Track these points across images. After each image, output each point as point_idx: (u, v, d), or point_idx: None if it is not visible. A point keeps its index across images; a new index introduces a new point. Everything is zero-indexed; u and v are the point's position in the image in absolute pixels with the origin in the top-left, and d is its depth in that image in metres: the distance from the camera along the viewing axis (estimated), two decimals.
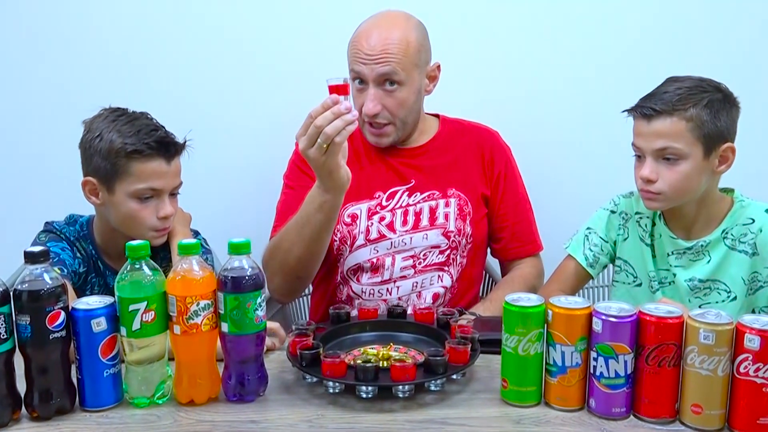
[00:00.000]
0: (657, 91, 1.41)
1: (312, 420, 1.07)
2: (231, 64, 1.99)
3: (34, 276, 1.04)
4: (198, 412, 1.10)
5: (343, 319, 1.33)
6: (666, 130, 1.37)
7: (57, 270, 1.35)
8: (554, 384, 1.09)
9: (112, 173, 1.38)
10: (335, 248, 1.62)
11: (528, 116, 2.03)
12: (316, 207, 1.41)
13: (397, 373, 1.10)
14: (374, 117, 1.57)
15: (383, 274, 1.61)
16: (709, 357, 1.00)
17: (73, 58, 1.97)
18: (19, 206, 2.00)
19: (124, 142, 1.37)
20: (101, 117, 1.42)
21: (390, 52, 1.52)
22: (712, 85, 1.40)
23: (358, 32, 1.57)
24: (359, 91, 1.57)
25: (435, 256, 1.62)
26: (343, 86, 1.30)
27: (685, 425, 1.04)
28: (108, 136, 1.38)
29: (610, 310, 1.05)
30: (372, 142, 1.64)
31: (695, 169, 1.38)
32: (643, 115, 1.39)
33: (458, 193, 1.65)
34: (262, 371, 1.14)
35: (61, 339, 1.06)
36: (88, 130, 1.42)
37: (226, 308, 1.09)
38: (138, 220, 1.41)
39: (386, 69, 1.53)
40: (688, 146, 1.37)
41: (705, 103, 1.36)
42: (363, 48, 1.53)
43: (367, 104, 1.55)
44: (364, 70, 1.54)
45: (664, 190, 1.39)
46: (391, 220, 1.62)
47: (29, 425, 1.07)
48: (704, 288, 1.47)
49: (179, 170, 1.45)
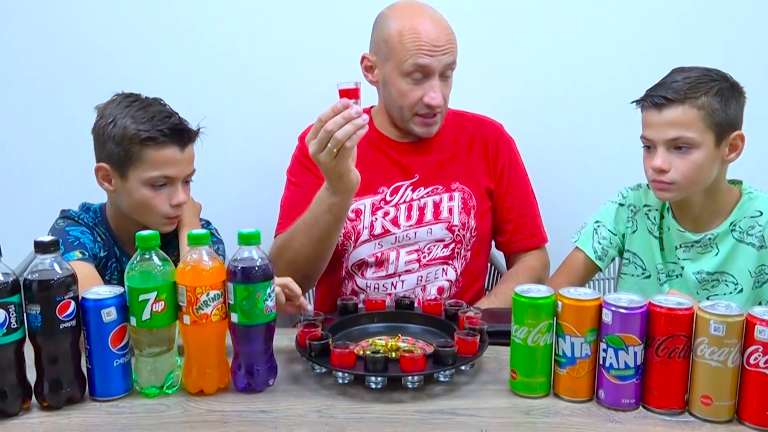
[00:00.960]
0: (665, 81, 1.41)
1: (321, 410, 1.07)
2: (241, 56, 1.99)
3: (45, 265, 1.04)
4: (207, 402, 1.10)
5: (351, 311, 1.33)
6: (678, 119, 1.37)
7: (79, 253, 1.37)
8: (563, 375, 1.09)
9: (125, 160, 1.37)
10: (339, 243, 1.61)
11: (534, 108, 2.03)
12: (324, 209, 1.41)
13: (406, 363, 1.10)
14: (439, 108, 1.57)
15: (388, 269, 1.62)
16: (719, 348, 1.00)
17: (85, 43, 1.97)
18: (27, 196, 2.00)
19: (138, 129, 1.35)
20: (114, 102, 1.40)
21: (451, 41, 1.55)
22: (720, 74, 1.40)
23: (410, 25, 1.53)
24: (415, 84, 1.55)
25: (439, 250, 1.62)
26: (354, 90, 1.30)
27: (695, 416, 1.04)
28: (122, 122, 1.36)
29: (620, 301, 1.05)
30: (422, 133, 1.62)
31: (707, 157, 1.38)
32: (654, 104, 1.39)
33: (462, 187, 1.65)
34: (272, 361, 1.15)
35: (71, 329, 1.06)
36: (101, 116, 1.40)
37: (235, 298, 1.09)
38: (151, 207, 1.40)
39: (452, 59, 1.56)
40: (700, 135, 1.36)
41: (715, 91, 1.36)
42: (429, 41, 1.52)
43: (434, 96, 1.55)
44: (432, 62, 1.53)
45: (677, 180, 1.39)
46: (395, 215, 1.62)
47: (39, 414, 1.07)
48: (712, 280, 1.47)
49: (192, 158, 1.43)
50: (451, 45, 1.55)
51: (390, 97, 1.60)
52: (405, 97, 1.56)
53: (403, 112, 1.59)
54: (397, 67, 1.55)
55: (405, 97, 1.56)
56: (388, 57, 1.56)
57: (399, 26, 1.54)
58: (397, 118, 1.62)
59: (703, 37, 1.99)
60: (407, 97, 1.56)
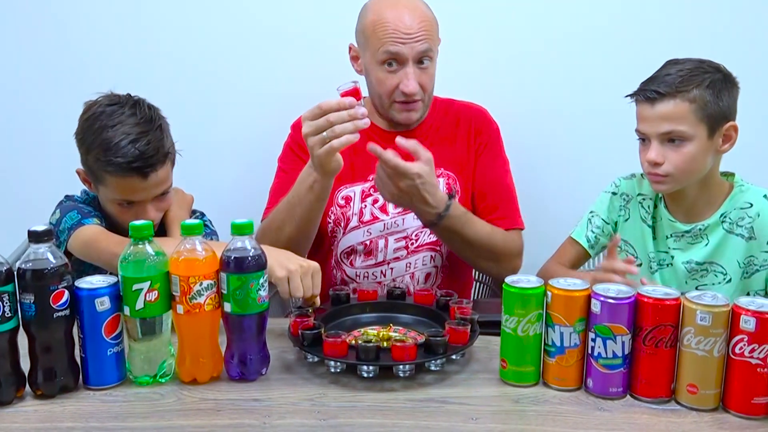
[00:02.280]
0: (658, 74, 1.42)
1: (314, 399, 1.08)
2: (233, 47, 1.99)
3: (38, 255, 1.05)
4: (201, 391, 1.11)
5: (343, 301, 1.34)
6: (670, 112, 1.38)
7: (97, 219, 1.41)
8: (552, 364, 1.10)
9: (93, 175, 1.41)
10: (329, 230, 1.64)
11: (525, 99, 2.03)
12: (307, 187, 1.43)
13: (398, 352, 1.11)
14: (414, 95, 1.58)
15: (377, 257, 1.63)
16: (705, 338, 1.02)
17: (76, 36, 1.97)
18: (20, 185, 2.01)
19: (98, 157, 1.35)
20: (94, 108, 1.39)
21: (424, 29, 1.55)
22: (713, 66, 1.41)
23: (383, 14, 1.55)
24: (390, 72, 1.57)
25: (427, 236, 1.64)
26: (354, 90, 1.31)
27: (681, 405, 1.06)
28: (90, 139, 1.37)
29: (609, 291, 1.06)
30: (401, 119, 1.64)
31: (700, 149, 1.39)
32: (647, 98, 1.40)
33: (447, 173, 1.66)
34: (264, 351, 1.15)
35: (65, 318, 1.06)
36: (80, 122, 1.40)
37: (229, 288, 1.09)
38: (120, 220, 1.43)
39: (425, 46, 1.55)
40: (692, 128, 1.38)
41: (707, 83, 1.37)
42: (400, 28, 1.53)
43: (408, 83, 1.56)
44: (404, 50, 1.54)
45: (672, 172, 1.41)
46: (384, 203, 1.63)
47: (33, 403, 1.08)
48: (701, 270, 1.48)
49: (163, 179, 1.40)
50: (425, 33, 1.55)
51: (371, 86, 1.63)
52: (382, 84, 1.59)
53: (383, 100, 1.61)
54: (373, 55, 1.57)
55: (382, 84, 1.59)
56: (366, 47, 1.60)
57: (373, 16, 1.57)
58: (378, 106, 1.65)
59: (696, 26, 1.98)
60: (384, 85, 1.59)
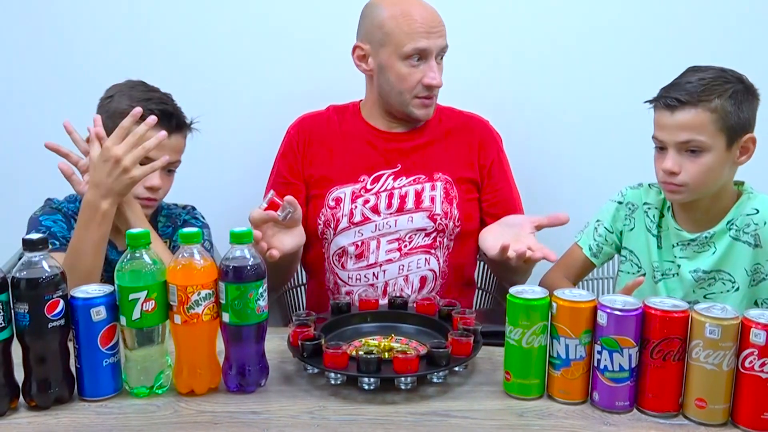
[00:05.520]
0: (679, 81, 1.39)
1: (314, 411, 1.06)
2: (230, 50, 1.97)
3: (33, 264, 1.03)
4: (198, 403, 1.09)
5: (343, 310, 1.32)
6: (689, 121, 1.35)
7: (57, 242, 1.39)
8: (558, 377, 1.08)
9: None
10: (320, 232, 1.62)
11: (527, 106, 2.02)
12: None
13: (399, 364, 1.09)
14: (439, 87, 1.61)
15: (369, 258, 1.61)
16: (714, 351, 1.00)
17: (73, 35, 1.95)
18: (14, 193, 1.98)
19: (130, 105, 1.38)
20: (122, 83, 1.47)
21: (443, 24, 1.59)
22: (735, 75, 1.38)
23: (407, 10, 1.56)
24: (414, 67, 1.58)
25: (421, 239, 1.62)
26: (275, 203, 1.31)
27: (689, 419, 1.04)
28: (119, 99, 1.43)
29: (615, 303, 1.04)
30: (420, 115, 1.64)
31: (718, 161, 1.37)
32: (667, 105, 1.37)
33: (444, 177, 1.65)
34: (263, 362, 1.13)
35: (59, 328, 1.04)
36: (106, 92, 1.47)
37: (227, 298, 1.07)
38: None
39: (445, 42, 1.60)
40: (711, 138, 1.35)
41: (729, 94, 1.34)
42: (425, 23, 1.55)
43: (435, 76, 1.58)
44: (430, 45, 1.56)
45: (688, 183, 1.38)
46: (376, 203, 1.62)
47: (27, 414, 1.05)
48: (708, 279, 1.46)
49: (180, 149, 1.47)
50: (443, 28, 1.59)
51: (388, 83, 1.61)
52: (405, 80, 1.58)
53: (403, 96, 1.60)
54: (395, 51, 1.56)
55: (405, 80, 1.58)
56: (384, 43, 1.57)
57: (391, 12, 1.57)
58: (396, 103, 1.62)
59: (699, 36, 1.95)
60: (407, 81, 1.58)
